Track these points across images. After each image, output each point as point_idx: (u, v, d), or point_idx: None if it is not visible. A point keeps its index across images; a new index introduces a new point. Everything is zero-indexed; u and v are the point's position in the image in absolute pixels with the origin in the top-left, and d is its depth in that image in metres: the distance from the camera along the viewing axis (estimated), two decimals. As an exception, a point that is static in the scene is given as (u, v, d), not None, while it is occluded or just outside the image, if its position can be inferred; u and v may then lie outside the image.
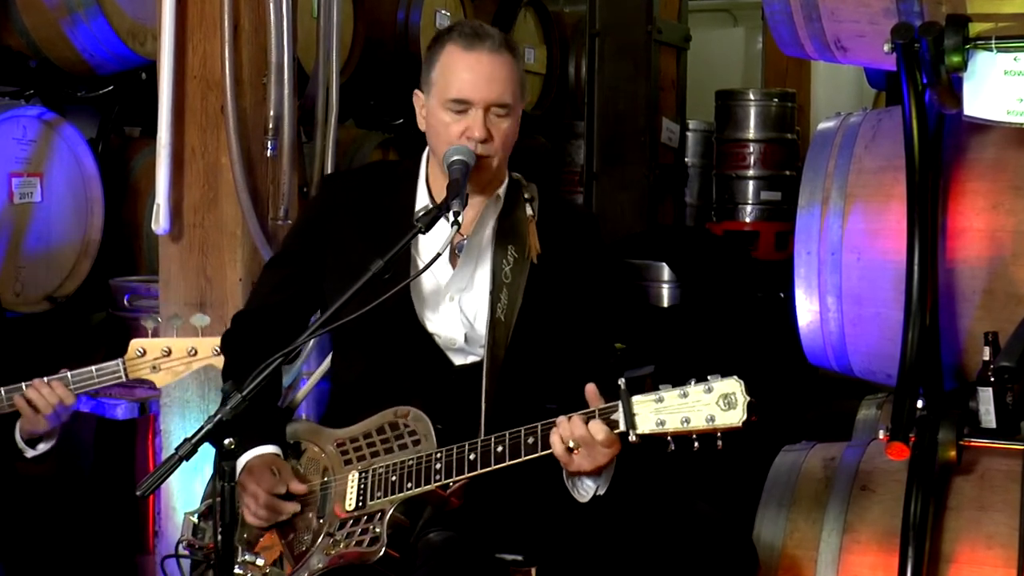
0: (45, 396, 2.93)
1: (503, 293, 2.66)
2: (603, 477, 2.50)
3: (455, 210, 2.48)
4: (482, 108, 2.58)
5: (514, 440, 2.45)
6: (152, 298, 3.99)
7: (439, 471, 2.51)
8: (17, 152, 4.13)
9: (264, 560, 2.63)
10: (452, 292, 2.70)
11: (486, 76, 2.59)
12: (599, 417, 2.40)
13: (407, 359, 2.68)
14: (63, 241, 4.32)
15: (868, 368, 3.17)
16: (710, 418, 2.32)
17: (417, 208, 2.72)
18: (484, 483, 2.54)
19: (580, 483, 2.53)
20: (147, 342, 3.00)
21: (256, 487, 2.59)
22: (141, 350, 2.99)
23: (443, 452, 2.52)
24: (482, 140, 2.58)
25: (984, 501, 2.76)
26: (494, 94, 2.59)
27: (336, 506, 2.60)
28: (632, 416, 2.37)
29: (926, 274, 2.76)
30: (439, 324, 2.69)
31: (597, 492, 2.51)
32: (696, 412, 2.33)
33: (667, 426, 2.34)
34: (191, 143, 3.63)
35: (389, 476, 2.56)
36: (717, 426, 2.31)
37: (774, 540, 2.89)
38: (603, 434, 2.38)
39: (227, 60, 3.52)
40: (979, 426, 2.77)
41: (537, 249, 2.70)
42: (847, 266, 3.08)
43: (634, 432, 2.36)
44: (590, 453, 2.40)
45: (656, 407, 2.36)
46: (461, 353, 2.69)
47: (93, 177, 4.39)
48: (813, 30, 2.97)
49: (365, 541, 2.51)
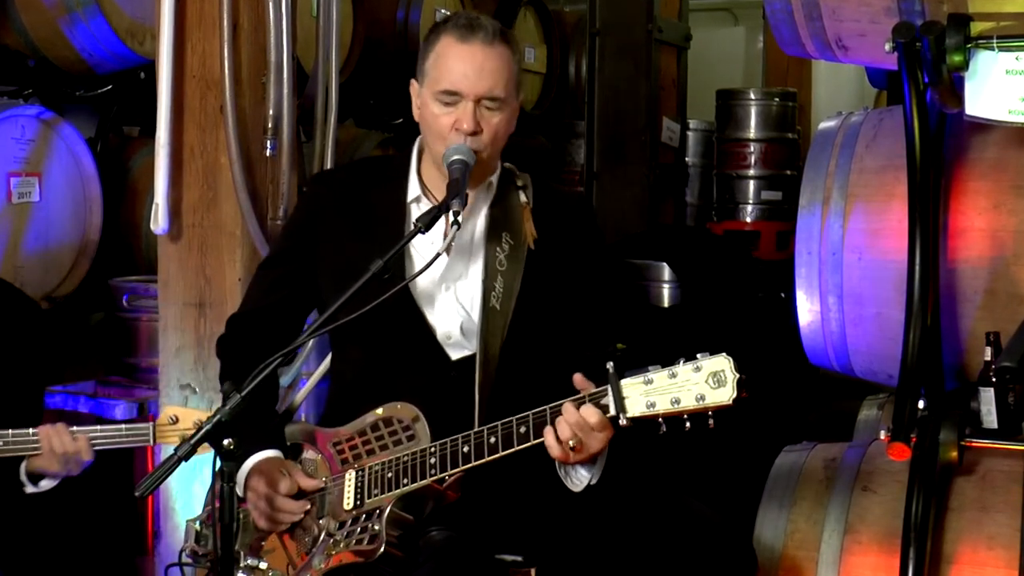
0: (65, 444, 2.90)
1: (498, 281, 2.65)
2: (596, 465, 2.49)
3: (455, 209, 2.47)
4: (472, 100, 2.57)
5: (506, 430, 2.44)
6: (151, 298, 3.98)
7: (434, 465, 2.50)
8: (15, 152, 4.12)
9: (267, 564, 2.62)
10: (448, 282, 2.69)
11: (477, 68, 2.57)
12: (589, 401, 2.38)
13: (406, 355, 2.67)
14: (62, 241, 4.31)
15: (869, 368, 3.16)
16: (700, 397, 2.29)
17: (409, 199, 2.71)
18: (482, 481, 2.53)
19: (573, 472, 2.51)
20: (181, 411, 2.98)
21: (269, 490, 2.58)
22: (174, 418, 2.96)
23: (437, 446, 2.51)
24: (471, 133, 2.57)
25: (985, 502, 2.75)
26: (484, 87, 2.57)
27: (335, 506, 2.59)
28: (622, 399, 2.34)
29: (927, 274, 2.75)
30: (437, 316, 2.68)
31: (591, 481, 2.50)
32: (686, 392, 2.29)
33: (657, 407, 2.32)
34: (190, 143, 3.63)
35: (385, 473, 2.55)
36: (707, 405, 2.28)
37: (775, 541, 2.88)
38: (596, 417, 2.36)
39: (226, 59, 3.51)
40: (980, 427, 2.76)
41: (533, 234, 2.69)
42: (848, 266, 3.07)
43: (624, 416, 2.34)
44: (583, 439, 2.38)
45: (645, 389, 2.33)
46: (458, 347, 2.68)
47: (92, 177, 4.39)
48: (814, 29, 2.97)
49: (365, 539, 2.51)
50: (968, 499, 2.77)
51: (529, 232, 2.69)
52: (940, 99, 2.73)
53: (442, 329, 2.68)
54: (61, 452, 2.88)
